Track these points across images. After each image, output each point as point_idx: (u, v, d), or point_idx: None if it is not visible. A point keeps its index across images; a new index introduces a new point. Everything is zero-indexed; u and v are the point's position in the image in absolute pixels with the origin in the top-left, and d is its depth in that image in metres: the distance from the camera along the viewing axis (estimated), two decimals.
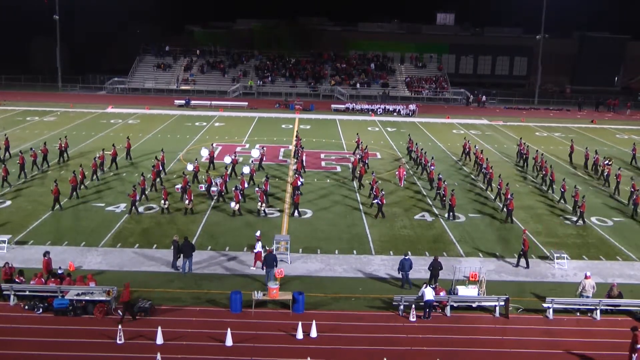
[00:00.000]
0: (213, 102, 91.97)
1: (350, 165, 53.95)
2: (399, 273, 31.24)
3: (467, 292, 29.11)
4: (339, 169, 54.21)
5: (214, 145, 58.84)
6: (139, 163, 54.12)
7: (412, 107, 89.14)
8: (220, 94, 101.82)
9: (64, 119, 76.53)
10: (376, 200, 41.60)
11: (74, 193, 43.37)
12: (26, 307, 27.64)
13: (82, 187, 45.34)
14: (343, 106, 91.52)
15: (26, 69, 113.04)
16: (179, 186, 43.68)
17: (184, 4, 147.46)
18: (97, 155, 50.54)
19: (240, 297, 27.96)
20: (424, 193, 47.13)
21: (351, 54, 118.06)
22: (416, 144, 59.30)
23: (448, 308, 28.61)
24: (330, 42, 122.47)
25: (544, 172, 50.75)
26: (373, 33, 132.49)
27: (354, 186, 48.44)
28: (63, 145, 54.19)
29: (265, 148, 56.16)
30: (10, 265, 29.24)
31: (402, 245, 36.20)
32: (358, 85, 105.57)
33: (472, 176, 52.81)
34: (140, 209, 41.25)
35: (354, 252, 35.29)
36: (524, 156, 57.54)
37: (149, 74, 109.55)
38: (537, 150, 57.89)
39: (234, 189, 42.58)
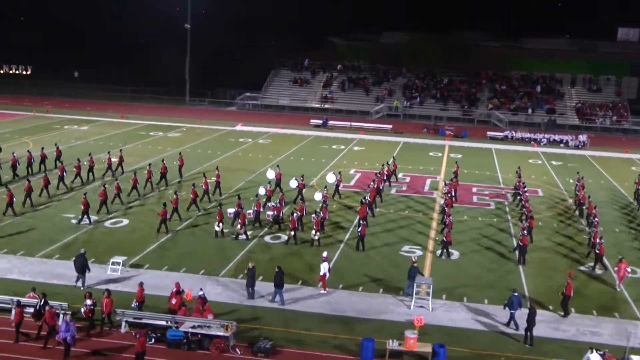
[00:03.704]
0: (353, 124, 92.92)
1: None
2: (504, 308, 31.83)
3: None
4: (492, 205, 53.14)
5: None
6: (187, 182, 55.84)
7: (582, 137, 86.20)
8: (361, 114, 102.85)
9: (190, 135, 79.77)
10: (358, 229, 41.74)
11: (103, 207, 45.59)
12: (138, 335, 28.66)
13: (118, 200, 47.90)
14: (501, 134, 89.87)
15: (152, 81, 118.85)
16: (231, 210, 44.40)
17: (326, 14, 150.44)
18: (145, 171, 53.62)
19: (373, 345, 27.69)
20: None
21: (513, 74, 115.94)
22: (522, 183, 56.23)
23: None
24: (488, 60, 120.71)
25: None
26: (539, 50, 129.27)
27: (508, 227, 47.26)
28: (117, 159, 57.56)
29: (341, 173, 55.69)
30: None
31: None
32: (519, 110, 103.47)
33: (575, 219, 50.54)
34: (267, 238, 42.21)
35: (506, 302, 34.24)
36: None
37: (284, 89, 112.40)
38: (589, 197, 52.85)
39: (292, 214, 42.81)
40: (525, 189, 52.31)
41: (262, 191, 48.90)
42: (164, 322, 29.31)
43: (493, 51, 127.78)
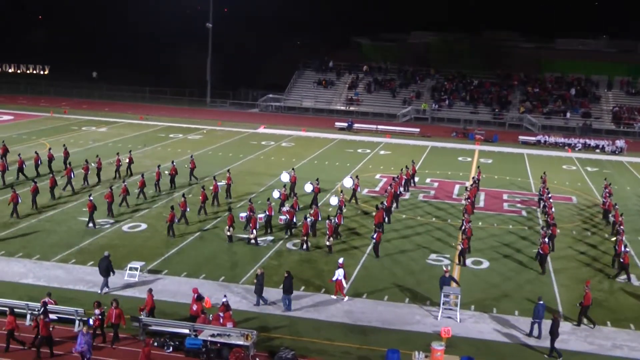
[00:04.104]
0: (379, 127, 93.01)
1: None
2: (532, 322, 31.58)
3: None
4: (524, 213, 52.80)
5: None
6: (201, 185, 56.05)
7: (619, 143, 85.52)
8: (388, 117, 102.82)
9: (210, 137, 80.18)
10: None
11: (110, 211, 46.32)
12: (155, 343, 28.79)
13: (124, 204, 48.43)
14: (533, 138, 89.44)
15: (172, 82, 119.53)
16: (243, 215, 44.36)
17: (352, 14, 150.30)
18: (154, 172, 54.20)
19: (398, 357, 27.57)
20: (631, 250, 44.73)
21: (546, 76, 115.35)
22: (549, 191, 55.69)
23: None
24: (521, 62, 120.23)
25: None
26: (574, 51, 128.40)
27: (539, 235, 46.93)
28: (127, 160, 58.33)
29: (358, 177, 55.53)
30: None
31: (598, 312, 34.39)
32: (553, 114, 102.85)
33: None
34: (289, 244, 42.25)
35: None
36: None
37: (308, 91, 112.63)
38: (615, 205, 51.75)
39: (305, 219, 42.75)
40: (550, 195, 51.96)
41: (276, 194, 49.14)
42: (182, 330, 29.36)
43: (526, 52, 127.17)
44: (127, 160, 58.51)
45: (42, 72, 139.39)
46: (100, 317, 29.01)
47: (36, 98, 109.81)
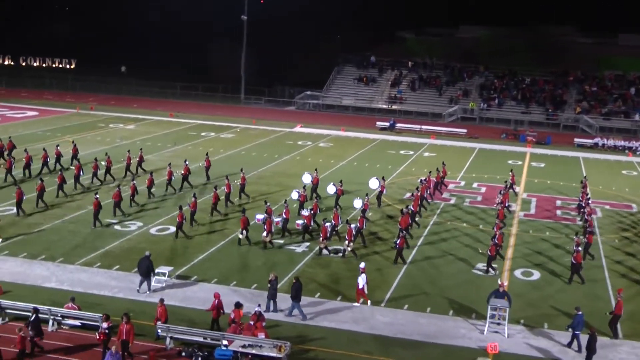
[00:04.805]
0: (423, 127, 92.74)
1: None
2: (567, 329, 31.87)
3: None
4: (579, 221, 52.22)
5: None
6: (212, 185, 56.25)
7: None
8: (433, 116, 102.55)
9: (244, 136, 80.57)
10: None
11: (116, 209, 46.90)
12: (183, 353, 28.96)
13: (133, 203, 49.16)
14: (590, 141, 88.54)
15: (205, 77, 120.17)
16: (260, 217, 44.51)
17: (396, 6, 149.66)
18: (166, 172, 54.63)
19: None
20: None
21: (605, 74, 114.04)
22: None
23: None
24: (578, 58, 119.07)
25: None
26: (636, 48, 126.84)
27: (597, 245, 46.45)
28: (138, 158, 59.24)
29: (384, 179, 55.37)
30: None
31: None
32: (612, 115, 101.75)
33: None
34: (321, 250, 42.18)
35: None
36: None
37: (348, 88, 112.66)
38: None
39: (324, 222, 42.56)
40: (590, 201, 51.39)
41: (295, 196, 49.27)
42: (212, 340, 29.49)
43: (583, 48, 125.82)
44: (138, 159, 59.31)
45: (68, 67, 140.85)
46: (107, 330, 28.49)
47: (62, 93, 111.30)
